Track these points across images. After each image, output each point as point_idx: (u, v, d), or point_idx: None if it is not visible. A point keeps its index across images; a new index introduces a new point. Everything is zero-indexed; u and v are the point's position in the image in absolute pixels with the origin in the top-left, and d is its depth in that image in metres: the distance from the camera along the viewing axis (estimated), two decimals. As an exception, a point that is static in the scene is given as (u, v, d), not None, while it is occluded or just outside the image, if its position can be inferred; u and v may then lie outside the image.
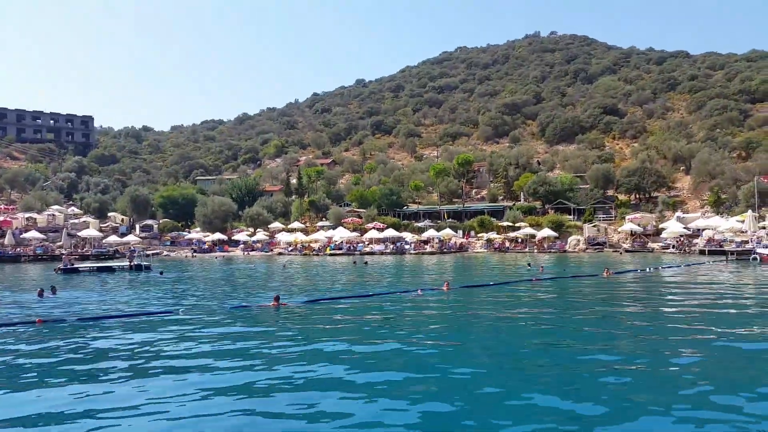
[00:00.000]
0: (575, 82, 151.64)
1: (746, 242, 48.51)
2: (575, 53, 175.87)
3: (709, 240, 54.47)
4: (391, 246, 69.52)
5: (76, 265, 44.12)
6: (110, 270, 42.57)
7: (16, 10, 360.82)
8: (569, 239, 67.84)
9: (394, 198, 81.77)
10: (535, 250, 66.08)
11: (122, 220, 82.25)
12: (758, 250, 41.68)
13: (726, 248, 49.10)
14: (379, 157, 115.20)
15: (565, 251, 64.97)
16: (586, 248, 65.27)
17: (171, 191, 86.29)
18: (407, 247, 68.88)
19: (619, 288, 25.83)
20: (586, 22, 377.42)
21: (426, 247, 69.85)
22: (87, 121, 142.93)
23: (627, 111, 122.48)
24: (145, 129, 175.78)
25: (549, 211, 77.83)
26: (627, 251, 62.62)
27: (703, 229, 57.13)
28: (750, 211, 47.72)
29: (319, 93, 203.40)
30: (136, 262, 43.54)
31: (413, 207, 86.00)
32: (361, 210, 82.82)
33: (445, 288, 24.04)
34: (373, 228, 72.83)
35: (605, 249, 64.61)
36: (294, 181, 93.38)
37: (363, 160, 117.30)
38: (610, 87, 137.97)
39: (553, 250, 65.47)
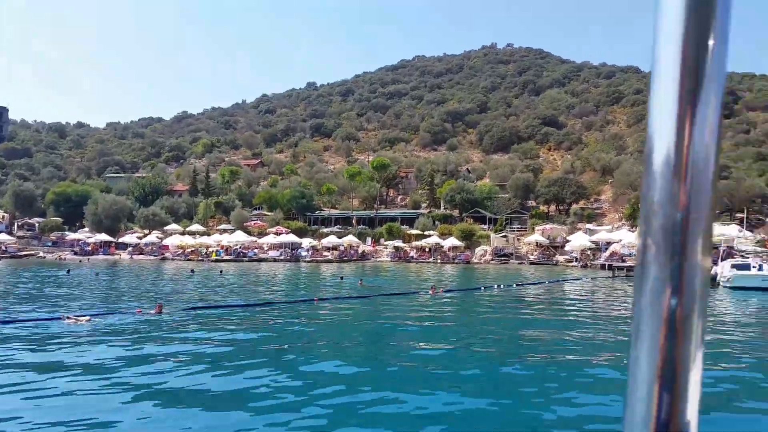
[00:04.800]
0: (523, 93, 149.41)
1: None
2: (528, 65, 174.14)
3: (612, 254, 50.60)
4: (289, 252, 64.45)
5: None
6: None
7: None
8: (477, 250, 63.63)
9: (304, 201, 76.63)
10: (439, 260, 61.69)
11: (2, 217, 75.28)
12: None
13: (627, 263, 45.53)
14: (311, 159, 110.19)
15: (469, 262, 60.69)
16: (492, 259, 61.11)
17: (65, 188, 79.52)
18: (304, 254, 63.77)
19: (420, 309, 21.14)
20: (545, 37, 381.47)
21: (327, 254, 64.93)
22: (0, 112, 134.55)
23: (567, 123, 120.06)
24: (79, 125, 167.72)
25: (466, 219, 73.71)
26: (532, 263, 58.73)
27: (607, 243, 53.35)
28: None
29: (268, 94, 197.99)
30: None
31: (326, 212, 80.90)
32: (271, 213, 77.50)
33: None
34: (274, 233, 67.58)
35: (511, 261, 60.58)
36: (202, 180, 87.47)
37: (294, 162, 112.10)
38: (555, 99, 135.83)
39: (457, 261, 61.11)
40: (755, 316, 19.72)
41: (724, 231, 39.82)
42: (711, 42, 0.41)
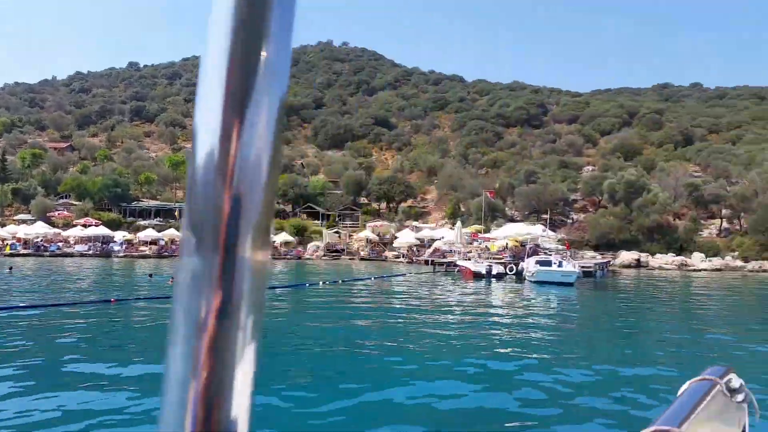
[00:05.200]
0: (357, 92, 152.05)
1: (468, 253, 47.34)
2: (362, 65, 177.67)
3: (435, 250, 52.92)
4: (99, 247, 58.10)
5: None
6: None
7: None
8: (309, 246, 62.91)
9: (119, 190, 69.71)
10: (270, 256, 59.81)
11: None
12: (459, 263, 39.73)
13: (447, 259, 47.61)
14: (129, 145, 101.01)
15: (301, 258, 59.71)
16: (324, 255, 60.78)
17: None
18: (116, 249, 57.92)
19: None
20: (379, 39, 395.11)
21: (144, 249, 59.69)
22: None
23: (398, 124, 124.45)
24: None
25: (300, 214, 72.65)
26: (363, 259, 59.46)
27: (431, 240, 55.78)
28: (459, 223, 46.52)
29: (84, 72, 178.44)
30: None
31: (144, 203, 74.53)
32: (80, 203, 69.31)
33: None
34: (81, 224, 60.44)
35: (343, 256, 60.80)
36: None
37: (110, 148, 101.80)
38: (387, 101, 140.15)
39: (289, 257, 59.78)
40: (556, 309, 21.19)
41: (530, 230, 43.04)
42: (266, 49, 0.40)
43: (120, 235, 59.74)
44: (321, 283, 29.19)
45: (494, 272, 35.05)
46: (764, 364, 11.05)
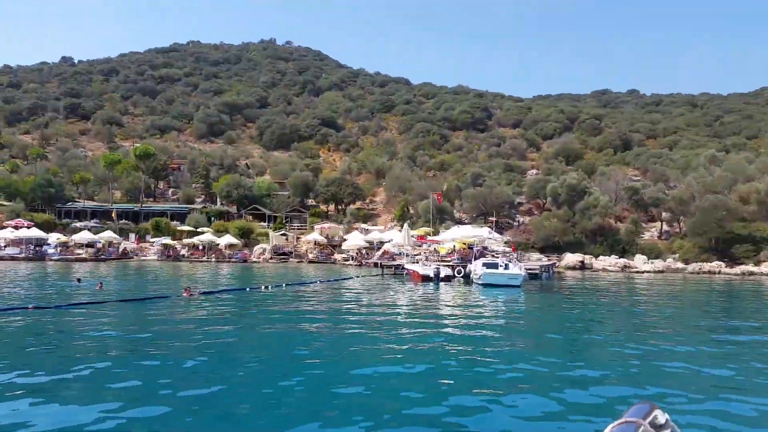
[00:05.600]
0: (303, 92, 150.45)
1: (417, 256, 47.18)
2: (307, 65, 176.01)
3: (384, 253, 52.61)
4: (32, 249, 54.97)
5: None
6: None
7: None
8: (255, 248, 61.45)
9: (52, 191, 66.24)
10: (214, 259, 58.15)
11: None
12: (407, 266, 39.54)
13: (396, 262, 47.31)
14: (64, 143, 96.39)
15: (246, 261, 58.24)
16: (271, 258, 59.49)
17: None
18: (51, 251, 54.95)
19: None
20: (323, 39, 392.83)
21: (80, 252, 56.83)
22: None
23: (345, 125, 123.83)
24: None
25: (245, 216, 70.94)
26: (311, 262, 58.53)
27: (380, 242, 55.46)
28: (406, 225, 46.30)
29: (13, 66, 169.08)
30: None
31: (80, 204, 71.08)
32: (10, 203, 65.44)
33: None
34: (12, 226, 57.03)
35: (291, 259, 59.69)
36: None
37: (43, 146, 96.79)
38: (334, 101, 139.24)
39: (234, 260, 58.19)
40: (502, 312, 21.15)
41: (477, 233, 43.12)
42: None
43: (54, 238, 56.71)
44: (263, 287, 28.17)
45: (442, 275, 34.94)
46: (697, 376, 11.18)
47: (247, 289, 27.07)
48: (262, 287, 27.82)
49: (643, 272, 50.00)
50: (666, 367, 11.27)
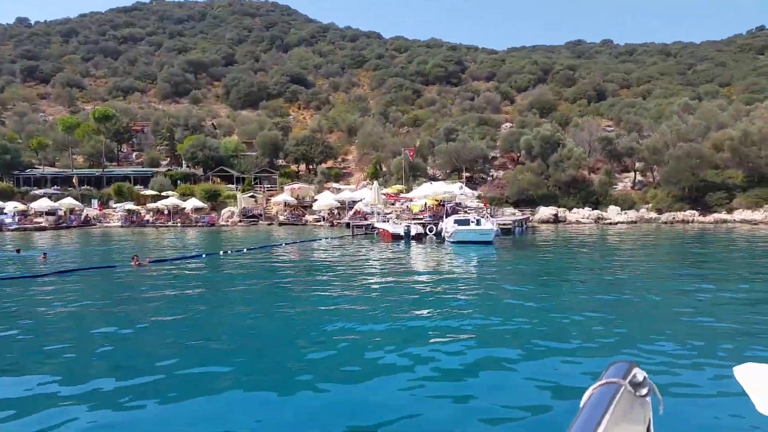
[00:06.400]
0: (270, 49, 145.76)
1: (388, 215, 45.96)
2: (275, 21, 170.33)
3: (356, 213, 51.29)
4: (-13, 219, 52.60)
5: None
6: None
7: None
8: (223, 211, 59.74)
9: (8, 158, 63.24)
10: (179, 224, 56.40)
11: None
12: (377, 225, 38.40)
13: (366, 222, 46.07)
14: (21, 108, 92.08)
15: (214, 224, 56.58)
16: (240, 221, 57.90)
17: None
18: (8, 221, 52.63)
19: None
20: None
21: (40, 220, 54.56)
22: None
23: (315, 82, 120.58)
24: None
25: (212, 178, 68.81)
26: (282, 224, 57.06)
27: (353, 201, 54.10)
28: (376, 183, 44.86)
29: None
30: None
31: (39, 170, 68.17)
32: (-38, 172, 62.46)
33: None
34: (-35, 195, 54.47)
35: (260, 222, 58.15)
36: None
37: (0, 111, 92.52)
38: (303, 57, 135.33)
39: (201, 224, 56.51)
40: (471, 270, 20.17)
41: (448, 189, 41.70)
42: None
43: (11, 206, 54.25)
44: (222, 252, 26.71)
45: (413, 233, 33.88)
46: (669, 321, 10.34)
47: (203, 255, 25.34)
48: (221, 252, 26.38)
49: (616, 223, 49.71)
50: (641, 323, 10.61)
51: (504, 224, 39.82)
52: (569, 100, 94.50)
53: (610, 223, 49.87)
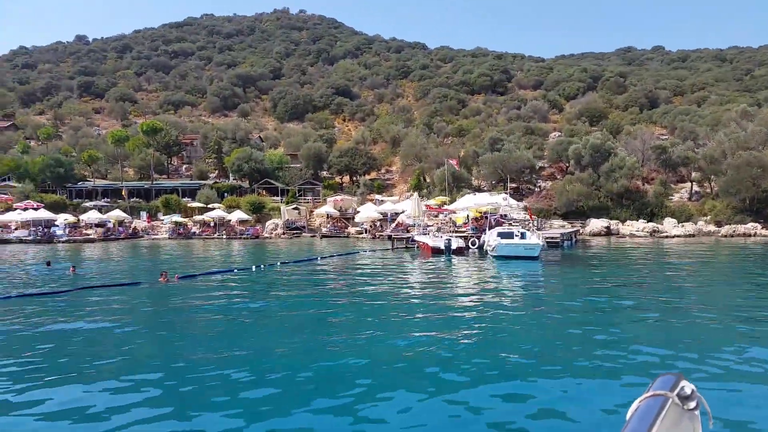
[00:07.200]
0: (317, 62, 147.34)
1: (428, 227, 44.90)
2: (321, 34, 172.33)
3: (398, 225, 50.40)
4: (42, 231, 54.25)
5: None
6: None
7: None
8: (267, 224, 59.92)
9: (62, 171, 65.33)
10: (225, 236, 56.80)
11: None
12: (416, 238, 37.39)
13: (406, 234, 45.13)
14: (77, 122, 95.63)
15: (258, 237, 56.76)
16: (284, 233, 57.89)
17: None
18: (59, 233, 54.13)
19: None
20: (338, 6, 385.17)
21: (89, 232, 55.94)
22: None
23: (360, 94, 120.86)
24: None
25: (258, 191, 69.33)
26: (324, 236, 56.70)
27: (395, 213, 53.23)
28: (416, 194, 43.86)
29: (28, 47, 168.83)
30: None
31: (91, 183, 70.20)
32: (20, 185, 64.83)
33: None
34: (21, 208, 56.36)
35: (303, 234, 58.00)
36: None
37: (58, 126, 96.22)
38: (349, 70, 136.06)
39: (246, 236, 56.78)
40: (514, 289, 18.91)
41: (491, 200, 39.93)
42: None
43: (62, 218, 55.82)
44: (254, 267, 25.90)
45: (454, 247, 32.59)
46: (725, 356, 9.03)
47: (234, 270, 24.84)
48: (253, 267, 25.87)
49: (673, 237, 47.15)
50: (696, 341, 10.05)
51: (552, 237, 38.16)
52: (620, 108, 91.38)
53: (666, 236, 47.33)
